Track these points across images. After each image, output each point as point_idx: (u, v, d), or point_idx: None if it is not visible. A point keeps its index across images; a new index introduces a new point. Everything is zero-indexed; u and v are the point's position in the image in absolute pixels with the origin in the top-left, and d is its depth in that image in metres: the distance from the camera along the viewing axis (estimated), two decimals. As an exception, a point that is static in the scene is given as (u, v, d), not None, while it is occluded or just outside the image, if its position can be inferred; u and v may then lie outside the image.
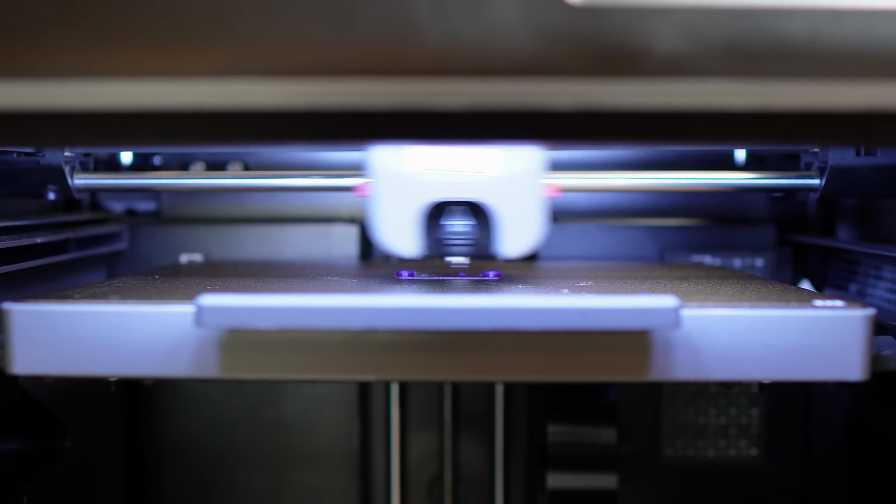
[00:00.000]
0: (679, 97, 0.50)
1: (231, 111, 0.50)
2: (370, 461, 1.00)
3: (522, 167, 0.68)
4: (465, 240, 0.71)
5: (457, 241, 0.71)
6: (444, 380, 0.93)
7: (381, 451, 1.00)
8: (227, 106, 0.50)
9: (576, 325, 0.53)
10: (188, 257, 0.99)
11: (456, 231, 0.71)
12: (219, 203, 1.02)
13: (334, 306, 0.53)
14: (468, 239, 0.71)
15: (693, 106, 0.50)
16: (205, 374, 0.56)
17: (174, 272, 0.81)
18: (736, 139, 0.71)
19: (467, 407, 0.99)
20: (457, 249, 0.72)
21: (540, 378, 0.57)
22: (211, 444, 0.99)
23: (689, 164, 1.00)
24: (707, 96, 0.50)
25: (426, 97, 0.49)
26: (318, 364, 0.56)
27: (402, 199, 0.68)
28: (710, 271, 0.83)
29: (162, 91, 0.49)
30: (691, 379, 0.56)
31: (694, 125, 0.51)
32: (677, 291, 0.63)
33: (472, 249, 0.72)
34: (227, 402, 0.98)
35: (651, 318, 0.53)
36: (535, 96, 0.49)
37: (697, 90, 0.49)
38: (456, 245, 0.71)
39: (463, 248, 0.72)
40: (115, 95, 0.49)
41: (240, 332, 0.56)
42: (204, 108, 0.50)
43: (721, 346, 0.56)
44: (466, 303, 0.53)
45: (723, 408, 0.99)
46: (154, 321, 0.56)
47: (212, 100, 0.49)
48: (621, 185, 0.84)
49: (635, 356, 0.56)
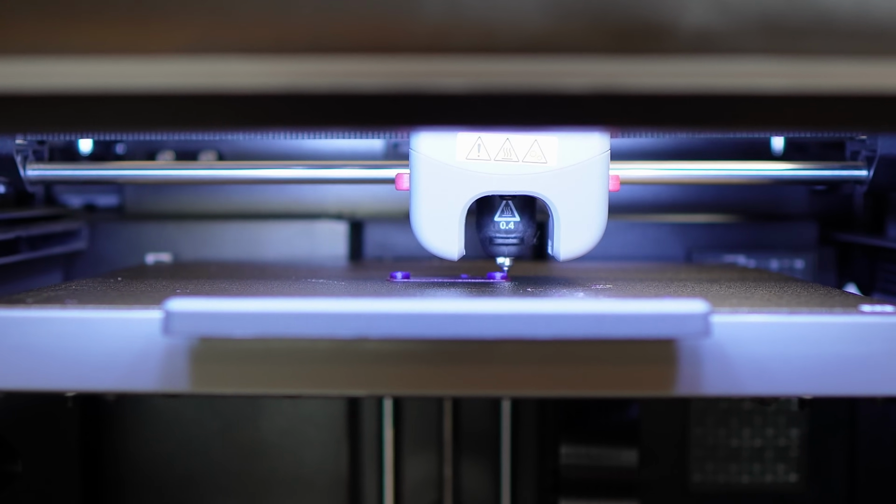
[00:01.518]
0: (708, 77, 0.50)
1: (204, 93, 0.50)
2: (360, 488, 1.00)
3: (584, 156, 0.69)
4: (514, 239, 0.72)
5: (505, 240, 0.72)
6: (443, 395, 0.93)
7: (373, 477, 1.00)
8: (200, 87, 0.50)
9: (592, 334, 0.53)
10: (155, 257, 0.99)
11: (504, 229, 0.71)
12: (190, 197, 1.02)
13: (320, 312, 0.53)
14: (517, 238, 0.72)
15: (724, 87, 0.50)
16: (174, 389, 0.56)
17: (139, 274, 0.81)
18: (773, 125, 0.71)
19: (470, 426, 0.99)
20: (505, 250, 0.72)
21: (552, 393, 0.57)
22: (180, 468, 0.99)
23: (720, 154, 1.00)
24: (740, 77, 0.50)
25: (423, 78, 0.49)
26: (302, 377, 0.56)
27: (446, 193, 0.68)
28: (744, 273, 0.83)
29: (125, 70, 0.49)
30: (723, 394, 0.56)
31: (725, 109, 0.51)
32: (707, 295, 0.63)
33: (521, 249, 0.72)
34: (199, 421, 0.98)
35: (677, 325, 0.53)
36: (545, 77, 0.49)
37: (729, 70, 0.50)
38: (504, 245, 0.72)
39: (512, 247, 0.72)
40: (71, 75, 0.50)
41: (213, 341, 0.56)
42: (173, 90, 0.50)
43: (756, 357, 0.56)
44: (469, 308, 0.53)
45: (758, 428, 0.99)
46: (116, 329, 0.56)
47: (182, 80, 0.49)
48: (644, 176, 0.84)
49: (659, 368, 0.56)
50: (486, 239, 0.73)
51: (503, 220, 0.72)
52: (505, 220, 0.72)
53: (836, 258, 1.00)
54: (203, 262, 0.95)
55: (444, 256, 0.69)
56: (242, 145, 1.02)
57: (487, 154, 0.68)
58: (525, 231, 0.72)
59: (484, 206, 0.72)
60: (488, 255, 0.73)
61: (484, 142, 0.68)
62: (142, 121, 0.53)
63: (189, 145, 1.01)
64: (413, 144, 0.69)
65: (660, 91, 0.50)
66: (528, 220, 0.72)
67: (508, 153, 0.68)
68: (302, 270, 0.84)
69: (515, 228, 0.72)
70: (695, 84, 0.50)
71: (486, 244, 0.73)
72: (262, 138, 0.99)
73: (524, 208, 0.72)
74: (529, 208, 0.72)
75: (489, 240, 0.72)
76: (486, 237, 0.73)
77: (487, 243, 0.73)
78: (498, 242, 0.72)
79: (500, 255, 0.73)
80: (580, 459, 0.85)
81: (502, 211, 0.72)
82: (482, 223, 0.73)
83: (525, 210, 0.72)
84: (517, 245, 0.72)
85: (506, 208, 0.72)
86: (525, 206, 0.72)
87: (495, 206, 0.72)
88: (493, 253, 0.73)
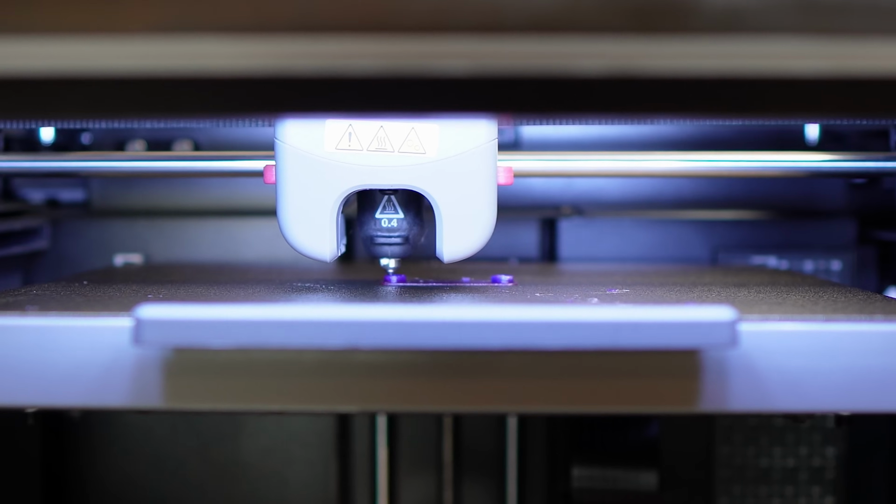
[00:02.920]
0: (736, 59, 0.50)
1: (179, 76, 0.50)
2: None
3: (467, 146, 0.68)
4: (398, 238, 0.71)
5: (387, 239, 0.71)
6: (443, 411, 0.93)
7: (365, 501, 1.00)
8: (174, 70, 0.50)
9: (607, 344, 0.52)
10: (124, 259, 0.99)
11: (385, 227, 0.71)
12: (163, 192, 1.02)
13: (307, 319, 0.53)
14: (401, 237, 0.71)
15: (754, 70, 0.50)
16: (145, 404, 0.56)
17: (107, 277, 0.81)
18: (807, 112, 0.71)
19: (472, 445, 0.99)
20: (388, 250, 0.72)
21: (562, 409, 0.57)
22: (153, 491, 0.98)
23: (749, 144, 1.00)
24: (772, 58, 0.50)
25: (421, 59, 0.49)
26: (287, 392, 0.56)
27: (314, 187, 0.68)
28: (775, 276, 0.83)
29: (92, 51, 0.49)
30: (751, 410, 0.56)
31: (755, 94, 0.51)
32: (734, 301, 0.63)
33: (404, 249, 0.72)
34: (174, 439, 0.98)
35: (701, 334, 0.53)
36: (556, 58, 0.49)
37: (759, 51, 0.49)
38: (386, 244, 0.72)
39: (395, 248, 0.72)
40: (31, 57, 0.49)
41: (189, 352, 0.55)
42: (144, 73, 0.50)
43: (789, 370, 0.56)
44: (471, 315, 0.53)
45: (791, 446, 0.99)
46: (81, 338, 0.56)
47: (155, 62, 0.49)
48: (664, 168, 0.83)
49: (681, 382, 0.56)
50: (367, 238, 0.72)
51: (384, 216, 0.71)
52: (387, 216, 0.71)
53: (877, 259, 1.00)
54: (178, 264, 0.95)
55: (315, 258, 0.69)
56: (221, 134, 1.02)
57: (360, 144, 0.68)
58: (410, 229, 0.72)
59: (365, 202, 0.72)
60: (370, 255, 0.73)
61: (356, 130, 0.68)
62: (110, 107, 0.53)
63: (162, 134, 1.01)
64: (278, 133, 0.69)
65: (682, 74, 0.50)
66: (414, 216, 0.72)
67: (383, 142, 0.68)
68: (287, 273, 0.84)
69: (399, 226, 0.71)
70: (721, 67, 0.50)
71: (367, 244, 0.73)
72: (244, 126, 0.99)
73: (409, 204, 0.72)
74: (416, 204, 0.72)
75: (369, 239, 0.72)
76: (366, 236, 0.72)
77: (368, 243, 0.72)
78: (379, 242, 0.72)
79: (382, 255, 0.73)
80: (594, 482, 0.85)
81: (384, 207, 0.71)
82: (363, 221, 0.72)
83: (410, 206, 0.72)
84: (401, 245, 0.72)
85: (388, 204, 0.71)
86: (410, 201, 0.72)
87: (376, 202, 0.72)
88: (375, 253, 0.73)
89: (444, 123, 0.68)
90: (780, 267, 0.98)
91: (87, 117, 0.76)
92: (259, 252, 0.99)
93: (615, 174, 0.90)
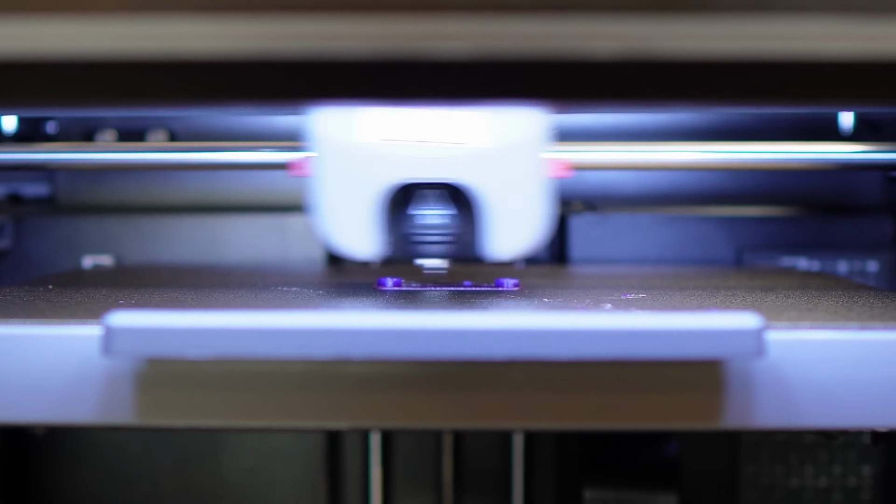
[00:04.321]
0: (762, 41, 0.50)
1: (153, 59, 0.50)
2: (342, 538, 1.00)
3: (518, 136, 0.69)
4: (442, 236, 0.71)
5: (430, 237, 0.71)
6: (442, 427, 0.92)
7: (357, 525, 1.00)
8: (147, 53, 0.50)
9: (622, 354, 0.52)
10: (94, 260, 0.99)
11: (429, 224, 0.71)
12: (136, 186, 1.02)
13: (293, 327, 0.53)
14: (445, 235, 0.71)
15: (781, 53, 0.50)
16: (116, 420, 0.56)
17: (74, 280, 0.81)
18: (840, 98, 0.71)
19: (474, 464, 0.99)
20: (430, 249, 0.72)
21: (573, 425, 0.57)
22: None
23: (777, 134, 1.00)
24: (801, 39, 0.50)
25: (418, 41, 0.49)
26: (271, 406, 0.56)
27: (354, 181, 0.68)
28: (806, 279, 0.83)
29: (58, 32, 0.49)
30: (780, 426, 0.56)
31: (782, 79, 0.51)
32: (760, 307, 0.63)
33: (450, 249, 0.72)
34: (148, 458, 0.98)
35: (725, 343, 0.53)
36: (565, 40, 0.49)
37: (787, 31, 0.49)
38: (429, 243, 0.72)
39: (439, 247, 0.72)
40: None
41: (163, 363, 0.55)
42: (115, 56, 0.50)
43: (820, 382, 0.56)
44: (473, 322, 0.53)
45: (823, 465, 0.99)
46: (46, 348, 0.56)
47: (126, 44, 0.49)
48: (683, 160, 0.84)
49: (703, 395, 0.56)
50: (403, 237, 0.72)
51: (424, 213, 0.71)
52: (427, 213, 0.71)
53: (918, 260, 1.00)
54: (152, 266, 0.95)
55: (356, 258, 0.69)
56: (200, 123, 1.02)
57: (404, 134, 0.68)
58: (454, 227, 0.72)
59: (402, 198, 0.72)
60: (410, 255, 0.73)
61: (399, 119, 0.68)
62: (78, 93, 0.53)
63: (135, 123, 1.01)
64: (312, 123, 0.69)
65: (703, 57, 0.50)
66: (457, 213, 0.72)
67: (428, 132, 0.68)
68: (271, 276, 0.84)
69: (441, 224, 0.71)
70: (746, 49, 0.50)
71: (404, 243, 0.72)
72: (225, 115, 0.99)
73: (451, 199, 0.72)
74: (458, 199, 0.72)
75: (406, 238, 0.72)
76: (402, 235, 0.72)
77: (404, 242, 0.72)
78: (419, 241, 0.72)
79: (420, 255, 0.72)
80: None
81: (424, 202, 0.71)
82: (400, 217, 0.72)
83: (452, 201, 0.72)
84: (442, 244, 0.72)
85: (428, 199, 0.71)
86: (453, 196, 0.71)
87: (415, 196, 0.72)
88: (415, 253, 0.72)
89: (494, 111, 0.68)
90: (810, 269, 0.98)
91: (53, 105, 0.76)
92: (242, 253, 0.99)
93: (630, 167, 0.90)
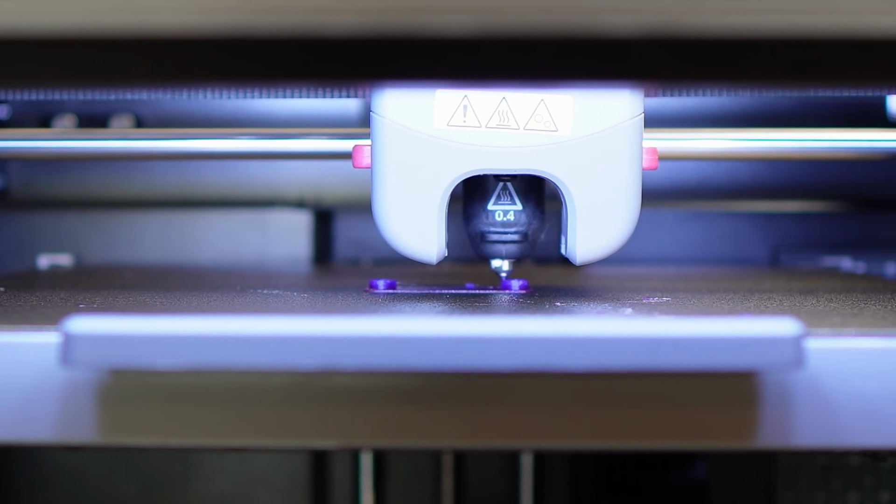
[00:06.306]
0: (801, 15, 0.50)
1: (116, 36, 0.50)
2: (329, 572, 1.00)
3: (609, 122, 0.69)
4: (515, 234, 0.72)
5: (502, 235, 0.72)
6: (441, 447, 0.93)
7: (347, 557, 1.00)
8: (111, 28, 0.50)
9: (643, 364, 0.52)
10: (51, 260, 0.99)
11: (500, 221, 0.71)
12: (98, 178, 1.02)
13: (275, 334, 0.53)
14: (518, 233, 0.72)
15: (823, 28, 0.50)
16: (76, 439, 0.56)
17: (29, 282, 0.81)
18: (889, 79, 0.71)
19: (478, 488, 0.99)
20: (502, 249, 0.72)
21: (588, 444, 0.57)
22: (86, 545, 0.99)
23: (817, 120, 1.00)
24: (845, 13, 0.50)
25: (415, 15, 0.49)
26: (250, 423, 0.56)
27: (421, 171, 0.69)
28: (850, 282, 0.84)
29: (9, 5, 0.49)
30: (821, 446, 0.56)
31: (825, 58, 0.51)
32: (799, 312, 0.63)
33: (522, 248, 0.72)
34: (111, 482, 0.98)
35: (759, 352, 0.53)
36: (580, 14, 0.49)
37: (830, 4, 0.49)
38: (500, 242, 0.72)
39: (511, 246, 0.72)
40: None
41: (128, 374, 0.56)
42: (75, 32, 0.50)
43: (866, 396, 0.56)
44: (477, 329, 0.53)
45: (869, 490, 0.99)
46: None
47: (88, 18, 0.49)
48: (712, 149, 0.84)
49: (734, 411, 0.56)
50: (477, 234, 0.73)
51: (500, 208, 0.72)
52: (502, 208, 0.72)
53: (975, 261, 1.00)
54: (116, 267, 0.95)
55: (418, 258, 0.69)
56: (169, 107, 1.02)
57: (477, 119, 0.68)
58: (530, 223, 0.72)
59: (474, 191, 0.72)
60: (479, 255, 0.73)
61: (472, 103, 0.68)
62: (32, 73, 0.53)
63: (97, 107, 1.01)
64: (375, 107, 0.69)
65: (736, 34, 0.50)
66: (534, 208, 0.72)
67: (505, 118, 0.68)
68: (250, 277, 0.85)
69: (517, 220, 0.72)
70: (784, 24, 0.50)
71: (477, 241, 0.73)
72: (197, 98, 0.99)
73: (529, 193, 0.72)
74: (536, 193, 0.72)
75: (480, 235, 0.72)
76: (476, 232, 0.73)
77: (478, 240, 0.73)
78: (493, 239, 0.72)
79: (495, 255, 0.73)
80: (627, 534, 0.85)
81: (499, 196, 0.72)
82: (471, 213, 0.72)
83: (530, 195, 0.72)
84: (518, 243, 0.72)
85: (503, 193, 0.71)
86: (530, 189, 0.72)
87: (489, 189, 0.72)
88: (486, 253, 0.73)
89: (580, 95, 0.68)
90: (855, 270, 0.98)
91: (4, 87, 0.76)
92: (217, 252, 1.00)
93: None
